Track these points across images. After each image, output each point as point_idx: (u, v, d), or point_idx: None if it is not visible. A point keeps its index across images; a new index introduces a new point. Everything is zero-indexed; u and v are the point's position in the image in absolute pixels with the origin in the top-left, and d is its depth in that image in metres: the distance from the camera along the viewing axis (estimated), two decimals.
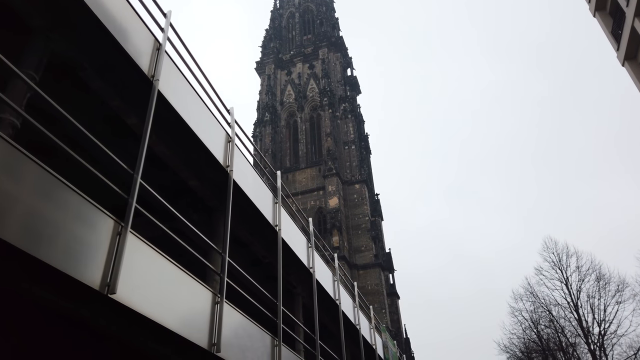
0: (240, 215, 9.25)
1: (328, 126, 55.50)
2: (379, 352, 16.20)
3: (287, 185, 55.08)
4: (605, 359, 22.63)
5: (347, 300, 14.35)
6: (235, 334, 6.88)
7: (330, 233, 47.10)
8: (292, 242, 10.55)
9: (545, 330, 25.12)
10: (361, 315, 15.46)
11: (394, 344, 19.81)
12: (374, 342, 16.14)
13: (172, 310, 5.72)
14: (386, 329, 18.19)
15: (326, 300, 12.74)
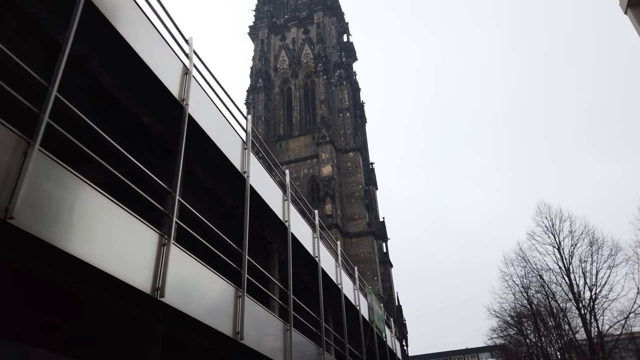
0: (205, 161, 8.54)
1: (322, 93, 54.25)
2: (362, 314, 15.79)
3: (281, 154, 54.32)
4: (595, 324, 22.46)
5: (329, 259, 13.80)
6: (185, 280, 6.25)
7: (323, 201, 46.58)
8: (266, 193, 9.85)
9: (535, 295, 24.92)
10: (344, 276, 14.95)
11: (381, 307, 19.45)
12: (358, 304, 15.71)
13: (114, 254, 5.09)
14: (372, 292, 17.75)
15: (305, 258, 12.17)
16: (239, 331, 7.22)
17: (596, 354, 22.06)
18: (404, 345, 48.57)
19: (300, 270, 12.83)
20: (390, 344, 20.96)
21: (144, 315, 6.20)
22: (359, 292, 16.13)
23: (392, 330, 21.70)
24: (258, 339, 8.03)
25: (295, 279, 13.11)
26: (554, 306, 24.13)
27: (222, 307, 7.15)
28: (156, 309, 6.04)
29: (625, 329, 23.46)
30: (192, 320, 6.36)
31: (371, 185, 57.21)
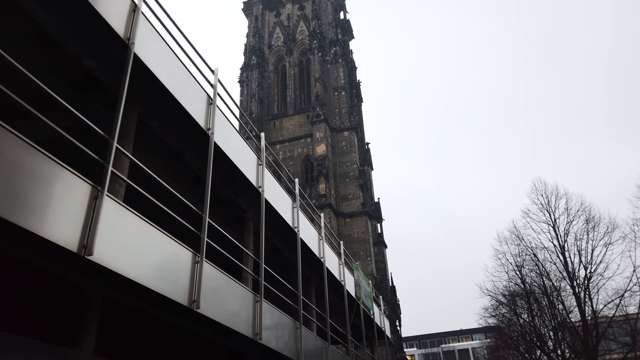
0: (163, 114, 7.73)
1: (317, 70, 53.04)
2: (347, 289, 15.16)
3: (274, 133, 53.37)
4: (590, 303, 21.94)
5: (311, 232, 13.08)
6: (126, 239, 5.49)
7: (317, 181, 45.86)
8: (237, 156, 9.08)
9: (529, 274, 24.35)
10: (328, 250, 14.27)
11: (369, 284, 18.85)
12: (343, 279, 15.07)
13: (36, 209, 4.36)
14: (359, 268, 17.11)
15: (284, 229, 11.44)
16: (195, 299, 6.51)
17: (590, 334, 21.63)
18: (397, 326, 48.44)
19: (280, 243, 12.15)
20: (379, 322, 20.44)
21: (77, 278, 5.47)
22: (344, 268, 15.48)
23: (381, 308, 21.17)
24: (220, 309, 7.33)
25: (274, 251, 12.45)
26: (547, 285, 23.60)
27: (175, 272, 6.43)
28: (91, 271, 5.30)
29: (619, 309, 22.99)
30: (138, 286, 5.64)
31: (366, 165, 56.42)
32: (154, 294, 5.88)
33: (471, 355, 74.96)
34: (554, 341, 25.23)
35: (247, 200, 10.18)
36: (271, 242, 12.00)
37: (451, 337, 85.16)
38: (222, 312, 7.43)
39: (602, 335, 21.99)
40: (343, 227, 45.76)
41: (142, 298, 6.15)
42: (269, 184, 10.17)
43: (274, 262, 12.61)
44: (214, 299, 7.19)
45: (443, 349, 74.18)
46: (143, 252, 5.87)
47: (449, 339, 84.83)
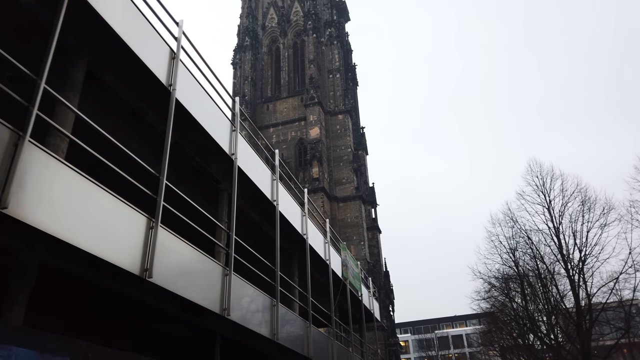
0: (118, 67, 6.99)
1: (312, 52, 52.01)
2: (333, 268, 14.57)
3: (267, 116, 52.50)
4: (584, 286, 21.45)
5: (293, 207, 12.43)
6: (54, 195, 4.81)
7: (310, 164, 45.18)
8: (204, 118, 8.34)
9: (523, 257, 23.84)
10: (312, 227, 13.64)
11: (357, 265, 18.29)
12: (328, 258, 14.47)
13: None
14: (346, 248, 16.52)
15: (262, 202, 10.78)
16: (148, 268, 5.86)
17: (583, 317, 21.20)
18: (390, 311, 48.22)
19: (258, 217, 11.50)
20: (368, 305, 19.93)
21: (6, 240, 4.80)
22: (330, 246, 14.87)
23: (370, 290, 20.65)
24: (180, 280, 6.69)
25: (253, 226, 11.81)
26: (541, 268, 23.12)
27: (124, 238, 5.76)
28: (17, 230, 4.62)
29: (614, 294, 22.56)
30: (78, 251, 4.99)
31: (361, 150, 55.69)
32: (96, 259, 5.23)
33: (465, 341, 75.23)
34: (547, 325, 24.84)
35: (220, 170, 9.48)
36: (248, 216, 11.37)
37: (445, 323, 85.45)
38: (183, 285, 6.80)
39: (595, 319, 21.57)
40: (336, 212, 45.22)
41: (84, 265, 5.49)
42: (244, 151, 9.48)
43: (253, 238, 11.99)
44: (172, 270, 6.55)
45: (437, 335, 74.31)
46: (84, 214, 5.20)
47: (443, 325, 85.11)
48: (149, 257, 5.94)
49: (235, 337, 8.95)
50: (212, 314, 7.58)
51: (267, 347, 10.12)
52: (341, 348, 14.52)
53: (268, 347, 10.07)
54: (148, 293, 6.40)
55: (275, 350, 10.43)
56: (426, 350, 72.93)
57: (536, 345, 31.51)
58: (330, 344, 13.15)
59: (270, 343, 9.68)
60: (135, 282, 5.89)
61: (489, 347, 49.21)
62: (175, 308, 7.46)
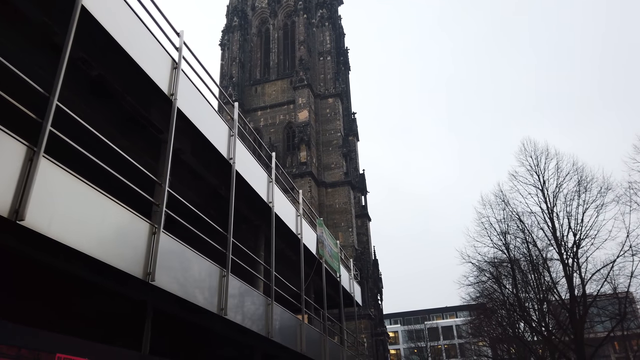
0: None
1: (302, 33, 50.34)
2: (305, 243, 13.20)
3: (256, 99, 50.86)
4: (578, 271, 20.24)
5: (256, 170, 10.99)
6: None
7: (298, 148, 43.76)
8: (137, 52, 6.89)
9: (514, 241, 22.57)
10: (281, 197, 12.23)
11: (336, 244, 16.94)
12: (300, 232, 13.10)
13: None
14: (322, 224, 15.16)
15: (215, 160, 9.36)
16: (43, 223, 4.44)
17: (577, 304, 20.02)
18: (378, 300, 47.13)
19: (213, 179, 10.09)
20: (348, 288, 18.62)
21: None
22: (303, 220, 13.49)
23: (351, 273, 19.32)
24: (106, 244, 5.34)
25: (205, 187, 10.41)
26: (533, 252, 21.90)
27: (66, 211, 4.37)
28: None
29: (608, 282, 21.40)
30: None
31: (352, 135, 54.35)
32: None
33: (455, 332, 74.48)
34: (538, 313, 23.70)
35: (159, 114, 8.03)
36: (203, 178, 9.98)
37: (435, 314, 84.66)
38: (93, 244, 5.43)
39: (590, 305, 20.38)
40: (324, 197, 43.90)
41: None
42: (188, 95, 8.04)
43: (210, 205, 10.62)
44: (74, 221, 5.15)
45: (426, 326, 73.50)
46: None
47: (433, 316, 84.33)
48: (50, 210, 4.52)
49: (173, 310, 7.58)
50: (136, 281, 6.22)
51: (218, 325, 8.76)
52: (313, 331, 13.21)
53: (219, 325, 8.72)
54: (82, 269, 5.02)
55: (229, 329, 9.08)
56: (416, 342, 72.12)
57: (526, 335, 30.46)
58: (299, 325, 11.82)
59: (220, 320, 8.34)
60: None
61: (478, 338, 48.36)
62: (87, 272, 6.09)
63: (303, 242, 13.05)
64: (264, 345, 10.51)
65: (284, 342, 10.75)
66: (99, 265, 5.67)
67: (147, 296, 6.98)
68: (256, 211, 11.62)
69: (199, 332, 9.14)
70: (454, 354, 74.43)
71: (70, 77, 7.18)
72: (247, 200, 10.95)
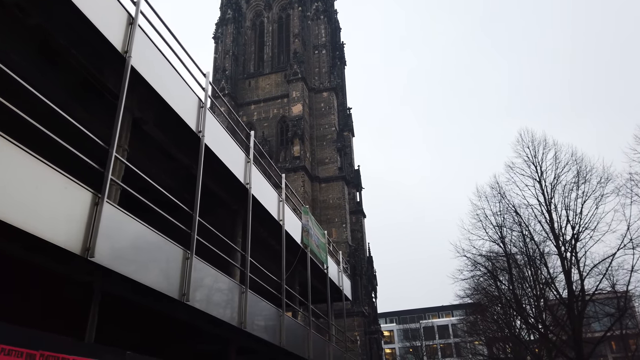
0: None
1: (297, 26, 49.49)
2: (288, 231, 12.36)
3: (249, 93, 49.93)
4: (576, 265, 19.45)
5: (233, 149, 10.17)
6: None
7: (291, 142, 42.86)
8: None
9: (510, 234, 21.71)
10: (261, 179, 11.39)
11: (324, 235, 16.11)
12: (282, 218, 12.27)
13: None
14: (308, 211, 14.34)
15: (183, 134, 8.53)
16: None
17: (575, 299, 19.24)
18: (372, 297, 46.37)
19: (185, 158, 9.26)
20: (337, 281, 17.80)
21: None
22: (286, 205, 12.65)
23: (340, 266, 18.49)
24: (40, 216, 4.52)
25: (179, 169, 9.58)
26: (530, 246, 21.09)
27: None
28: None
29: (607, 278, 20.62)
30: None
31: (347, 131, 53.49)
32: None
33: (450, 331, 73.76)
34: (535, 309, 22.92)
35: (114, 75, 7.18)
36: (171, 155, 9.15)
37: (431, 313, 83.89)
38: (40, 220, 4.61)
39: (589, 300, 19.58)
40: (318, 192, 43.05)
41: None
42: (145, 52, 7.20)
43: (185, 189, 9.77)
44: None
45: (422, 325, 72.73)
46: None
47: (429, 315, 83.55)
48: None
49: (127, 295, 6.75)
50: (70, 254, 5.40)
51: (183, 314, 7.93)
52: (296, 324, 12.39)
53: (183, 313, 7.89)
54: None
55: (197, 318, 8.25)
56: (411, 341, 71.42)
57: (523, 333, 29.71)
58: (279, 317, 10.99)
59: (183, 308, 7.51)
60: None
61: (474, 336, 47.68)
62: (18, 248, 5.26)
63: (285, 229, 12.23)
64: (238, 337, 9.68)
65: (260, 334, 9.93)
66: (31, 239, 4.85)
67: (92, 277, 6.14)
68: (233, 194, 10.80)
69: (164, 322, 8.30)
70: (450, 353, 73.67)
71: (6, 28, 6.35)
72: (222, 180, 10.13)
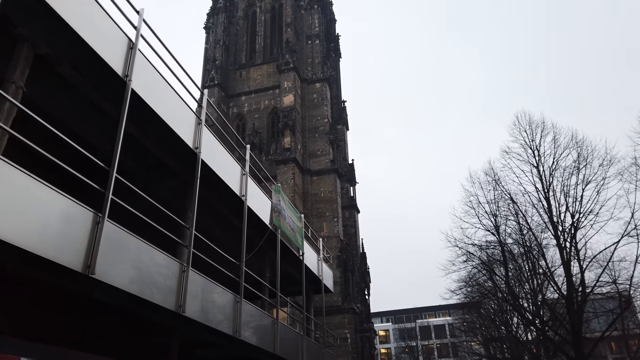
0: None
1: (289, 15, 48.09)
2: (249, 205, 10.93)
3: (240, 84, 48.48)
4: (576, 257, 18.03)
5: (178, 106, 8.76)
6: None
7: (281, 133, 41.47)
8: None
9: (504, 224, 20.24)
10: (217, 144, 9.99)
11: (300, 218, 14.69)
12: (244, 193, 10.86)
13: None
14: (280, 190, 12.92)
15: (107, 79, 7.10)
16: None
17: (575, 291, 17.83)
18: (365, 295, 44.98)
19: (106, 104, 7.81)
20: (317, 270, 16.36)
21: None
22: (250, 180, 11.22)
23: (320, 253, 17.04)
24: None
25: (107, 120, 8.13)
26: (527, 237, 19.66)
27: None
28: None
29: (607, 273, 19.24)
30: None
31: (342, 124, 52.12)
32: None
33: (447, 331, 72.29)
34: (532, 304, 21.50)
35: (24, 14, 5.75)
36: (83, 94, 7.71)
37: (428, 313, 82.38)
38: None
39: (590, 292, 18.13)
40: (309, 185, 41.64)
41: None
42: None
43: (127, 156, 8.32)
44: None
45: (418, 324, 71.28)
46: None
47: (425, 314, 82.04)
48: None
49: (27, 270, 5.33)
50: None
51: (98, 292, 6.50)
52: (258, 312, 10.95)
53: (99, 291, 6.47)
54: None
55: (119, 298, 6.83)
56: (407, 340, 70.01)
57: (520, 332, 28.32)
58: (235, 303, 9.56)
59: (91, 283, 6.09)
60: None
61: (470, 336, 46.31)
62: None
63: (249, 206, 10.80)
64: (179, 325, 8.25)
65: (207, 320, 8.50)
66: None
67: None
68: (183, 162, 9.37)
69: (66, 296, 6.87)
70: (447, 353, 72.18)
71: None
72: (164, 142, 8.70)
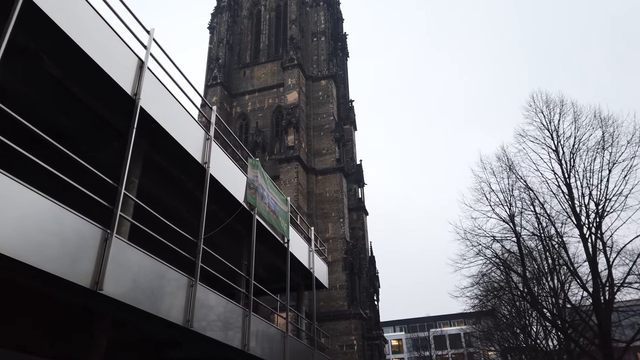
0: None
1: (294, 12, 46.84)
2: (212, 173, 9.28)
3: (244, 83, 47.23)
4: (602, 248, 15.95)
5: (114, 44, 7.22)
6: None
7: (285, 131, 39.94)
8: None
9: (519, 215, 18.14)
10: (167, 96, 8.41)
11: (286, 201, 12.98)
12: (207, 160, 9.25)
13: None
14: (258, 165, 11.24)
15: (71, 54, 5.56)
16: None
17: (602, 285, 15.75)
18: (375, 300, 42.92)
19: (35, 44, 6.27)
20: (307, 263, 14.61)
21: None
22: (214, 144, 9.60)
23: (312, 244, 15.27)
24: None
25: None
26: (547, 228, 17.59)
27: None
28: None
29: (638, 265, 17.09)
30: None
31: (349, 124, 50.43)
32: None
33: (463, 340, 69.40)
34: (553, 305, 19.38)
35: None
36: None
37: (442, 322, 79.44)
38: None
39: (621, 285, 15.94)
40: (314, 185, 39.93)
41: None
42: None
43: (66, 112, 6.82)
44: None
45: (432, 334, 68.55)
46: None
47: (439, 323, 79.09)
48: None
49: None
50: None
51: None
52: (222, 300, 9.22)
53: None
54: None
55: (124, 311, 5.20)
56: (421, 350, 67.37)
57: (540, 339, 26.08)
58: (188, 287, 7.88)
59: None
60: None
61: (487, 345, 43.89)
62: None
63: (210, 173, 9.15)
64: (108, 308, 6.60)
65: (148, 307, 6.80)
66: None
67: None
68: (121, 115, 7.79)
69: None
70: None
71: None
72: (97, 87, 7.13)
